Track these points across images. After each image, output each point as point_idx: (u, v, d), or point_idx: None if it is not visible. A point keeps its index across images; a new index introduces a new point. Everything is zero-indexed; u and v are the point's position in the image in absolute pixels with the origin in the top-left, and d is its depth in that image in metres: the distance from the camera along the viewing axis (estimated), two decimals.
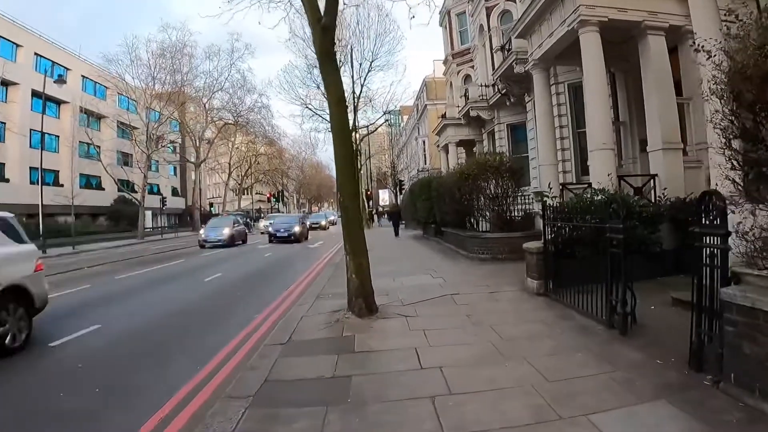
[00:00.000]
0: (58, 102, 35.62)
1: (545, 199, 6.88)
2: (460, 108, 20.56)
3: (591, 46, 8.05)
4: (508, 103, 15.85)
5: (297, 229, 22.88)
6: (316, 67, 32.65)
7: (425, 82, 45.69)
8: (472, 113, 17.83)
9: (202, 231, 23.63)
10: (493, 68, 17.96)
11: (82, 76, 38.88)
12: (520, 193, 10.74)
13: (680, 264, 6.27)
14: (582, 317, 5.30)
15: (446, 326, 5.40)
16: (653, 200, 7.94)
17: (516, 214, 10.72)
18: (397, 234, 22.57)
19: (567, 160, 11.47)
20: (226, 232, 22.07)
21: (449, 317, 5.81)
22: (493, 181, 10.40)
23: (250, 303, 8.14)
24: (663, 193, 7.71)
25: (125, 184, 37.96)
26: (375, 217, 45.64)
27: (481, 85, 18.00)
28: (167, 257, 18.09)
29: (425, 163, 40.33)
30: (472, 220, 12.06)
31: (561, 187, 10.11)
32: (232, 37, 65.02)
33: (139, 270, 13.91)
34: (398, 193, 39.07)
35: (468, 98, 18.84)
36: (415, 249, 15.40)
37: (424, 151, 45.30)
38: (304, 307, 6.95)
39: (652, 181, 8.18)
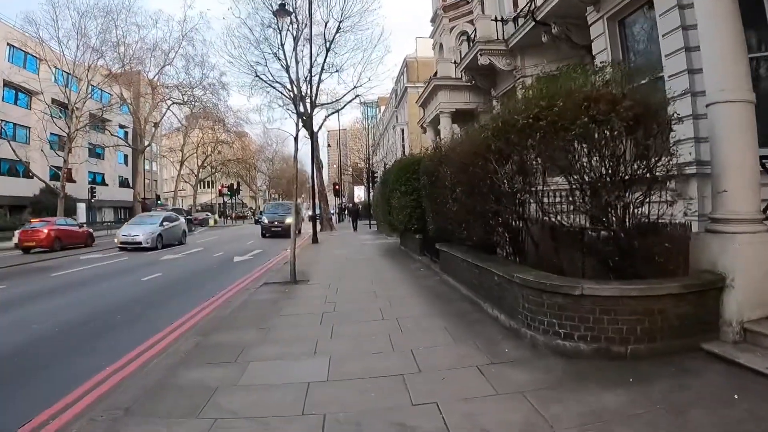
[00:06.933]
0: None
1: None
2: (457, 64, 14.27)
3: None
4: (544, 39, 9.65)
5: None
6: (271, 26, 25.91)
7: (406, 62, 40.35)
8: (482, 61, 11.42)
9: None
10: None
11: (9, 44, 31.43)
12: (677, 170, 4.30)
13: None
14: None
15: None
16: None
17: (629, 222, 4.32)
18: (355, 228, 26.74)
19: None
20: None
21: None
22: (587, 142, 4.04)
23: None
24: None
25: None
26: (335, 216, 40.14)
27: (496, 20, 11.72)
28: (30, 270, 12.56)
29: (404, 155, 34.46)
30: (521, 238, 5.10)
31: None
32: (184, 2, 57.30)
33: None
34: (371, 188, 32.89)
35: (473, 41, 12.47)
36: (386, 286, 7.80)
37: (403, 140, 40.09)
38: None
39: None
